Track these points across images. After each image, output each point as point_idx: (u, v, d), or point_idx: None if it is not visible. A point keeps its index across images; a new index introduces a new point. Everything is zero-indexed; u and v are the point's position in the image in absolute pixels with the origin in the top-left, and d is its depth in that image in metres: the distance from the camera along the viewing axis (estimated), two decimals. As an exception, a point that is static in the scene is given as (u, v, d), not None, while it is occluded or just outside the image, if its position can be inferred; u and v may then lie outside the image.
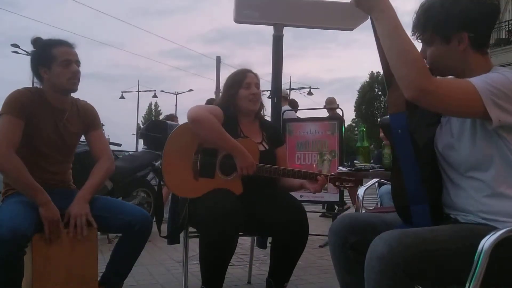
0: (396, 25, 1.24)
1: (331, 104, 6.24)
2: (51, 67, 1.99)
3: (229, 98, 2.29)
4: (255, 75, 2.35)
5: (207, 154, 2.14)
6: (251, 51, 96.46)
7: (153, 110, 53.24)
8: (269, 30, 3.88)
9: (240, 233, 2.10)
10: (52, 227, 1.85)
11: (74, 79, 2.02)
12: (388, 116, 1.38)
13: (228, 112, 2.24)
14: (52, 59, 1.99)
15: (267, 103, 3.93)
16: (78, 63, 2.05)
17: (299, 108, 6.48)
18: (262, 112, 2.44)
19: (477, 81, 1.21)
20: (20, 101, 1.93)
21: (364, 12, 1.31)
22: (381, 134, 1.66)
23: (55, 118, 2.04)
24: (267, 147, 2.32)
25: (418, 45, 1.38)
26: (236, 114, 2.29)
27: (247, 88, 2.28)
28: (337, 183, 2.20)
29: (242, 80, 2.29)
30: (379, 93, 44.11)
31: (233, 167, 2.15)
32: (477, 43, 1.32)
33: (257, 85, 2.33)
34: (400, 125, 1.32)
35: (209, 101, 6.34)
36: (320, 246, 4.00)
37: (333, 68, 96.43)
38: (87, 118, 2.18)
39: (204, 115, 2.10)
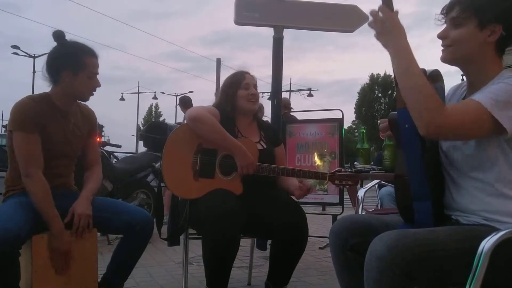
0: (408, 66, 1.27)
1: (287, 106, 6.07)
2: (78, 74, 1.95)
3: (227, 98, 2.30)
4: (253, 76, 2.37)
5: (207, 154, 2.15)
6: (251, 53, 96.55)
7: (153, 112, 53.25)
8: (268, 32, 3.90)
9: (240, 234, 2.10)
10: (60, 259, 1.85)
11: (93, 92, 2.04)
12: (395, 112, 1.39)
13: (225, 112, 2.25)
14: (82, 67, 1.95)
15: (267, 104, 3.95)
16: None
17: (300, 110, 6.38)
18: (260, 113, 2.45)
19: (484, 98, 1.23)
20: (30, 115, 1.89)
21: (383, 46, 1.35)
22: (381, 135, 1.65)
23: (62, 122, 2.02)
24: (265, 146, 2.32)
25: (439, 28, 1.40)
26: (234, 114, 2.30)
27: (246, 89, 2.29)
28: (336, 181, 2.20)
29: (240, 81, 2.31)
30: (379, 95, 44.13)
31: (233, 167, 2.15)
32: (504, 42, 1.33)
33: (255, 86, 2.35)
34: (408, 120, 1.32)
35: (182, 100, 6.31)
36: (320, 248, 4.00)
37: (332, 70, 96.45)
38: (89, 123, 2.18)
39: (203, 114, 2.12)
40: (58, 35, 1.98)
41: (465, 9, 1.33)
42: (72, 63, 1.95)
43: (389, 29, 1.32)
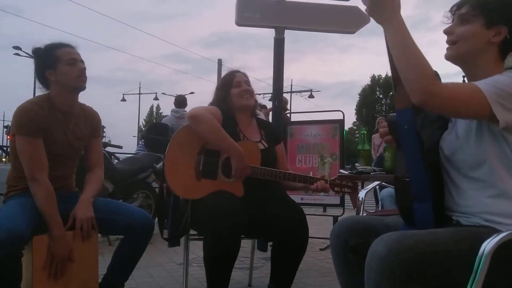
0: (404, 35, 1.25)
1: (284, 107, 6.00)
2: (57, 68, 1.98)
3: (221, 99, 2.32)
4: (244, 74, 2.39)
5: (210, 155, 2.15)
6: (251, 55, 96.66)
7: (154, 113, 53.33)
8: (268, 34, 3.93)
9: (241, 235, 2.09)
10: (59, 264, 1.85)
11: (82, 76, 2.03)
12: (394, 113, 1.39)
13: (225, 112, 2.26)
14: (57, 60, 1.98)
15: (268, 105, 3.95)
16: (83, 62, 2.05)
17: (301, 111, 6.42)
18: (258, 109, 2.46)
19: (483, 84, 1.22)
20: (34, 120, 1.91)
21: (376, 22, 1.32)
22: (380, 137, 1.65)
23: (64, 124, 2.03)
24: (266, 146, 2.33)
25: (439, 30, 1.40)
26: (233, 113, 2.31)
27: (238, 87, 2.31)
28: (336, 189, 2.21)
29: (231, 80, 2.33)
30: (380, 96, 44.12)
31: None
32: (507, 45, 1.33)
33: (247, 82, 2.36)
34: (407, 121, 1.32)
35: (177, 98, 6.37)
36: (320, 249, 4.00)
37: (332, 72, 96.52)
38: (93, 124, 2.18)
39: (203, 113, 2.14)
40: (36, 51, 2.04)
41: (475, 7, 1.34)
42: (48, 63, 2.00)
43: (380, 4, 1.27)
